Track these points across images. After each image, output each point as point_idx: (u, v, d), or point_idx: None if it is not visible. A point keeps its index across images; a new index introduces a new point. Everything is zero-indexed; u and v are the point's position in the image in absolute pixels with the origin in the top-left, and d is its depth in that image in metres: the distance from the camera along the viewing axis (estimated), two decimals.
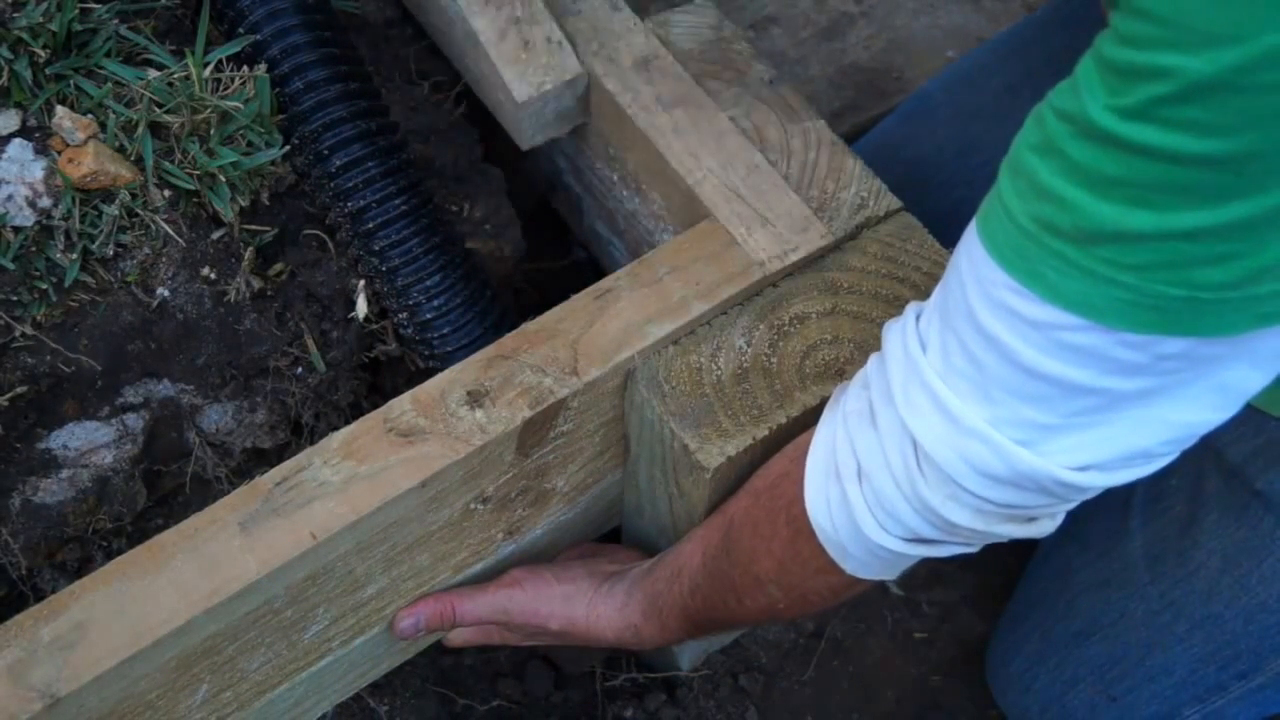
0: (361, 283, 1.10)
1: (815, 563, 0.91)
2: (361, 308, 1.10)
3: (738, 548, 0.97)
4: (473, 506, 1.01)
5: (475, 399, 0.98)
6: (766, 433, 0.99)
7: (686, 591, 1.02)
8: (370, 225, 1.07)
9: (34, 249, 0.97)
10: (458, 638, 1.13)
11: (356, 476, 0.93)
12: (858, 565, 0.89)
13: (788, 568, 0.93)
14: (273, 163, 1.05)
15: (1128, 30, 0.61)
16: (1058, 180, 0.67)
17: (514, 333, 1.02)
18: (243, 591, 0.89)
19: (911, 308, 0.86)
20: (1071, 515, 1.35)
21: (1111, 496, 1.29)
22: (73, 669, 0.85)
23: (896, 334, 0.85)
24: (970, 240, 0.76)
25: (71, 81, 1.01)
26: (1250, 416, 1.13)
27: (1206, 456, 1.19)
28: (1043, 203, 0.69)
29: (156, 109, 1.01)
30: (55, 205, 0.97)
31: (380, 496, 0.92)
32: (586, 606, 1.08)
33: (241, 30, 1.06)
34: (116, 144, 1.00)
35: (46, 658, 0.85)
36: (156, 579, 0.89)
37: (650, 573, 1.07)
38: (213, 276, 1.03)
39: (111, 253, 1.00)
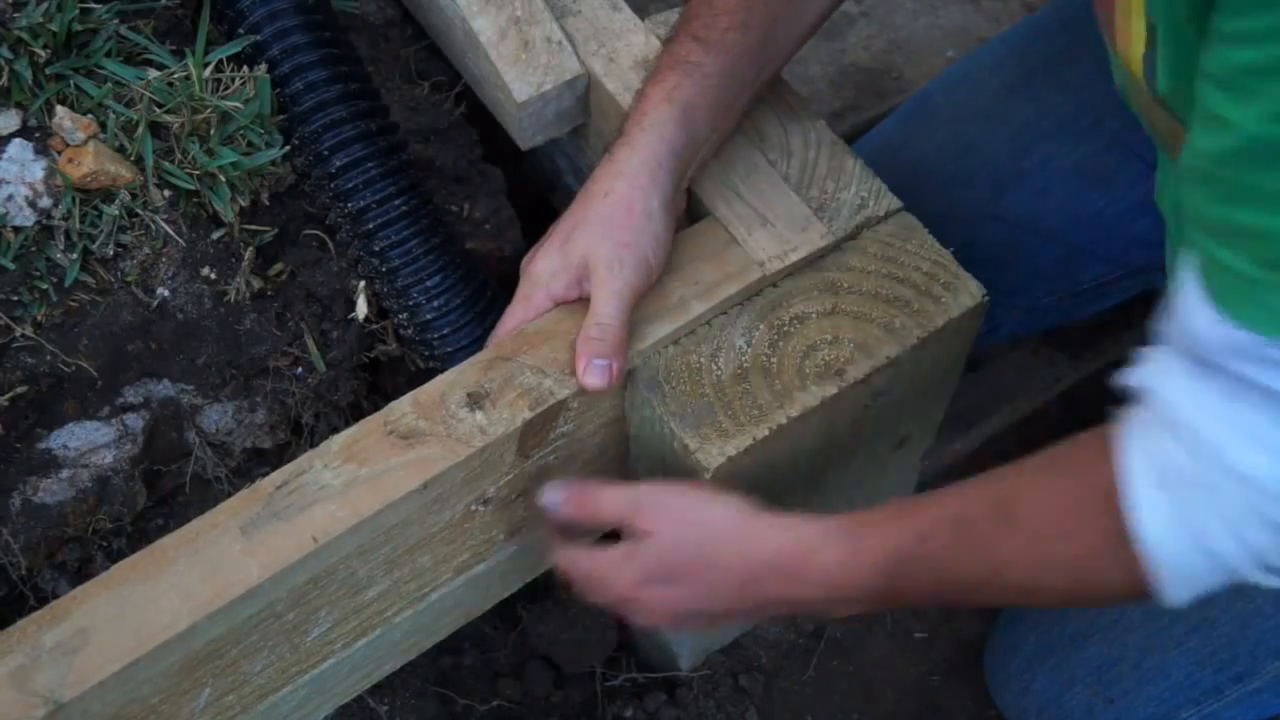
0: (362, 283, 1.10)
1: (1121, 564, 0.84)
2: (361, 308, 1.09)
3: (1025, 520, 0.89)
4: (474, 508, 1.01)
5: (475, 401, 0.97)
6: (766, 433, 0.99)
7: (911, 534, 0.92)
8: (370, 226, 1.07)
9: (34, 249, 0.97)
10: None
11: (357, 479, 0.93)
12: (1172, 575, 0.83)
13: (1088, 559, 0.86)
14: (273, 163, 1.05)
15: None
16: (1254, 214, 0.69)
17: (514, 334, 1.02)
18: (245, 595, 0.89)
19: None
20: None
21: None
22: (76, 674, 0.85)
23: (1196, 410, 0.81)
24: (1197, 314, 0.76)
25: (71, 81, 1.01)
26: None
27: None
28: (1258, 243, 0.70)
29: (156, 109, 1.01)
30: (55, 205, 0.97)
31: (381, 499, 0.92)
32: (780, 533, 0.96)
33: (242, 30, 1.05)
34: (116, 144, 1.00)
35: (49, 663, 0.85)
36: (158, 584, 0.89)
37: (873, 523, 0.95)
38: (213, 276, 1.03)
39: (111, 253, 1.00)
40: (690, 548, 0.96)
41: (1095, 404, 1.69)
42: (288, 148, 1.06)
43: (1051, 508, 0.87)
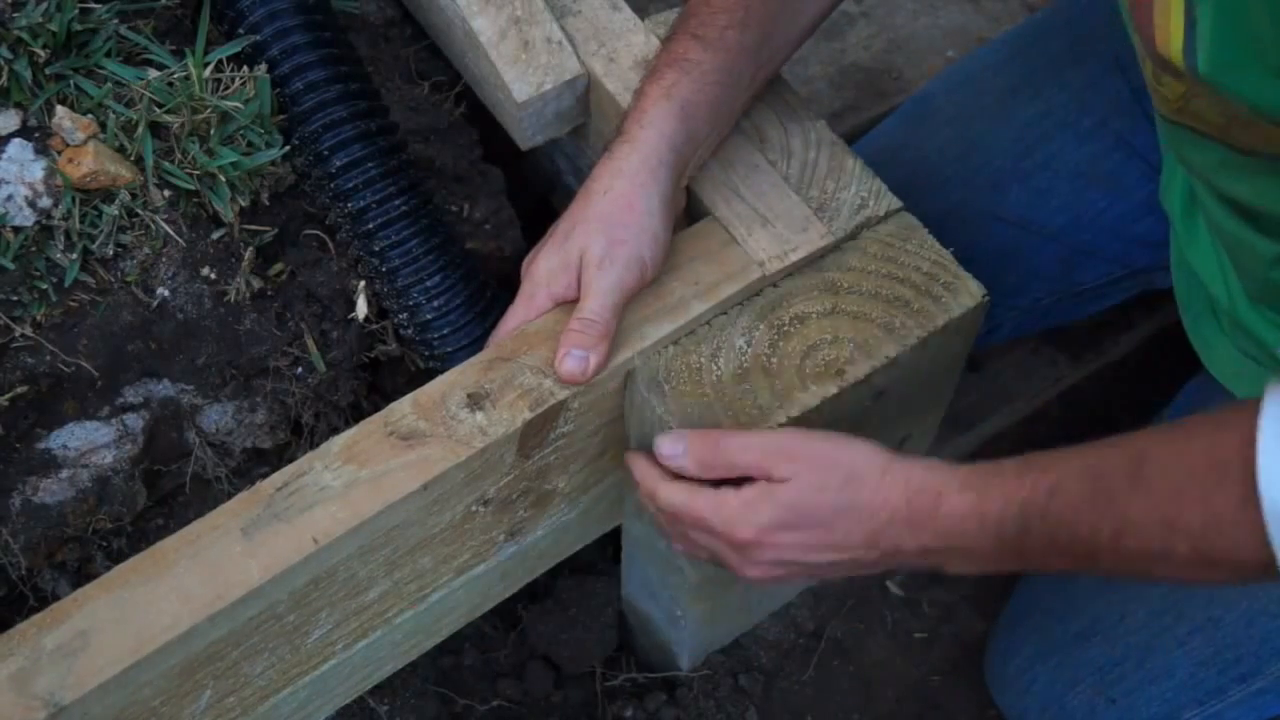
0: (362, 283, 1.10)
1: (1250, 533, 0.84)
2: (361, 308, 1.09)
3: (1157, 483, 0.88)
4: (474, 509, 1.01)
5: (476, 401, 0.97)
6: None
7: (1043, 489, 0.91)
8: (370, 226, 1.07)
9: (34, 249, 0.97)
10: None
11: (358, 480, 0.93)
12: None
13: (1216, 526, 0.85)
14: (273, 163, 1.05)
15: None
16: None
17: (514, 334, 1.02)
18: (245, 597, 0.89)
19: None
20: None
21: None
22: (76, 677, 0.85)
23: None
24: None
25: (71, 81, 1.01)
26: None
27: None
28: None
29: (156, 109, 1.01)
30: (55, 205, 0.97)
31: (382, 500, 0.92)
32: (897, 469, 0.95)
33: (242, 30, 1.05)
34: (116, 144, 1.00)
35: (50, 666, 0.85)
36: (159, 585, 0.89)
37: (986, 462, 0.95)
38: (213, 276, 1.03)
39: (111, 253, 1.00)
40: (831, 491, 0.94)
41: (1095, 404, 1.70)
42: (288, 148, 1.06)
43: (1183, 470, 0.86)
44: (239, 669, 0.95)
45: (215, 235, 1.04)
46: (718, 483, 0.97)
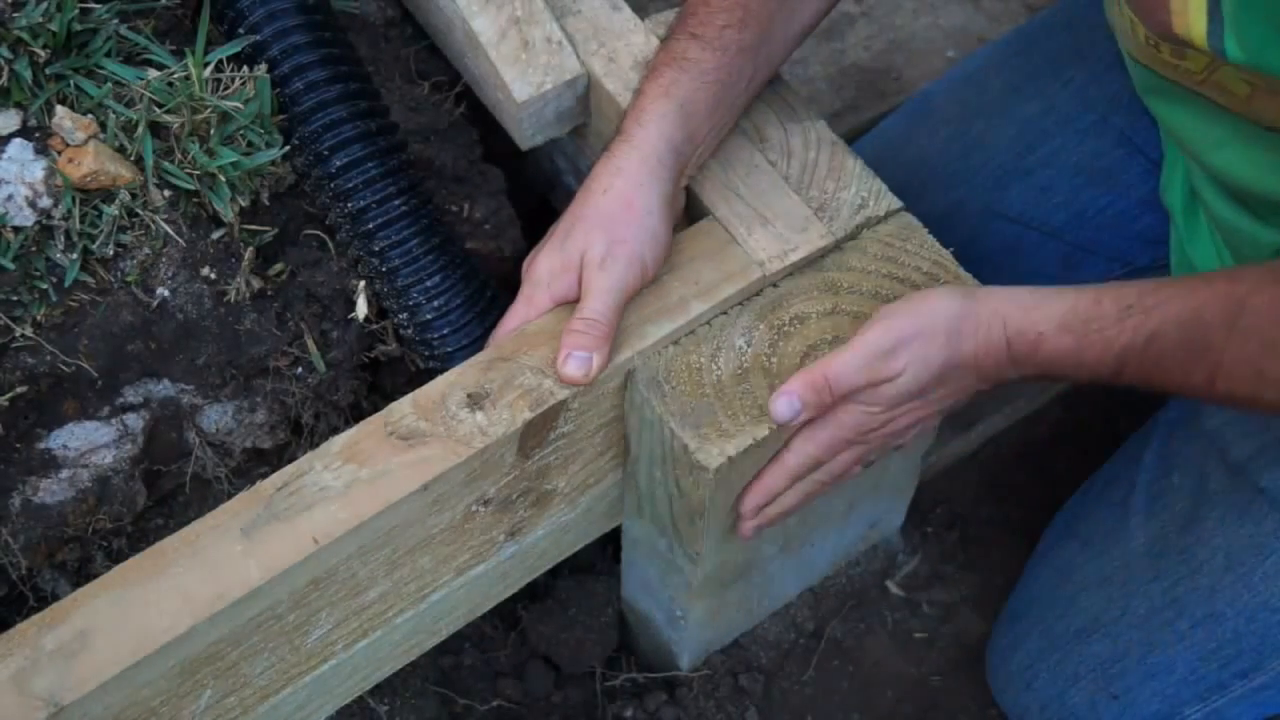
0: (361, 283, 1.10)
1: None
2: (361, 308, 1.09)
3: (1254, 333, 0.90)
4: (474, 508, 1.01)
5: (476, 401, 0.97)
6: (766, 433, 0.99)
7: (1142, 335, 0.94)
8: (370, 226, 1.07)
9: (34, 249, 0.97)
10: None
11: (358, 480, 0.93)
12: None
13: None
14: (273, 163, 1.05)
15: None
16: None
17: (514, 335, 1.02)
18: (245, 597, 0.89)
19: None
20: (1071, 513, 1.36)
21: (1111, 494, 1.30)
22: (76, 677, 0.85)
23: None
24: None
25: (71, 81, 1.01)
26: (1255, 413, 1.13)
27: (1210, 454, 1.20)
28: None
29: (156, 109, 1.01)
30: (55, 205, 0.97)
31: (382, 500, 0.92)
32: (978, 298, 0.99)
33: (242, 30, 1.05)
34: (116, 144, 1.00)
35: (50, 666, 0.85)
36: (159, 585, 0.89)
37: (1082, 292, 0.98)
38: (213, 276, 1.03)
39: (111, 253, 1.00)
40: (938, 358, 0.98)
41: (1095, 404, 1.70)
42: (288, 148, 1.06)
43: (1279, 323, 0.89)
44: (239, 669, 0.95)
45: (215, 235, 1.04)
46: None
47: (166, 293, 1.01)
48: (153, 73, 1.02)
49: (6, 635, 0.87)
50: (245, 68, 1.05)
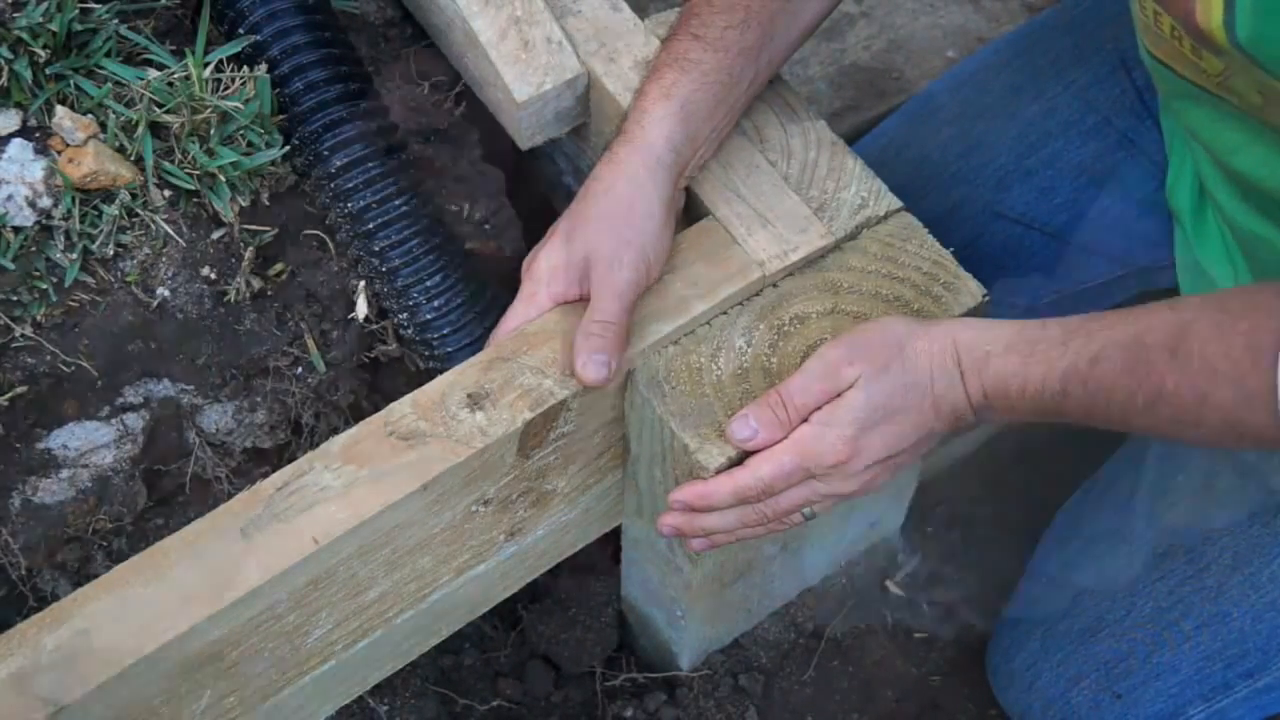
0: (361, 283, 1.10)
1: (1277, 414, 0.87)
2: (361, 308, 1.10)
3: (1196, 358, 0.90)
4: (474, 509, 1.01)
5: (476, 401, 0.97)
6: None
7: (1085, 357, 0.94)
8: (370, 226, 1.07)
9: (34, 249, 0.97)
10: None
11: (358, 480, 0.93)
12: None
13: (1248, 404, 0.88)
14: (273, 163, 1.05)
15: None
16: None
17: (513, 334, 1.02)
18: (245, 597, 0.89)
19: None
20: (1073, 513, 1.35)
21: (1114, 494, 1.29)
22: (77, 677, 0.85)
23: None
24: None
25: (71, 81, 1.01)
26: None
27: (1218, 455, 1.19)
28: None
29: (156, 109, 1.01)
30: (55, 205, 0.97)
31: (382, 500, 0.92)
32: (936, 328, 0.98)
33: (242, 30, 1.05)
34: (116, 144, 1.00)
35: (50, 666, 0.85)
36: (159, 586, 0.89)
37: (1030, 320, 0.98)
38: (213, 276, 1.03)
39: (111, 253, 1.00)
40: (893, 371, 0.97)
41: None
42: (288, 148, 1.06)
43: (1223, 348, 0.88)
44: (239, 669, 0.95)
45: (215, 235, 1.04)
46: None
47: (166, 293, 1.01)
48: (153, 73, 1.02)
49: (6, 635, 0.87)
50: (245, 68, 1.05)
